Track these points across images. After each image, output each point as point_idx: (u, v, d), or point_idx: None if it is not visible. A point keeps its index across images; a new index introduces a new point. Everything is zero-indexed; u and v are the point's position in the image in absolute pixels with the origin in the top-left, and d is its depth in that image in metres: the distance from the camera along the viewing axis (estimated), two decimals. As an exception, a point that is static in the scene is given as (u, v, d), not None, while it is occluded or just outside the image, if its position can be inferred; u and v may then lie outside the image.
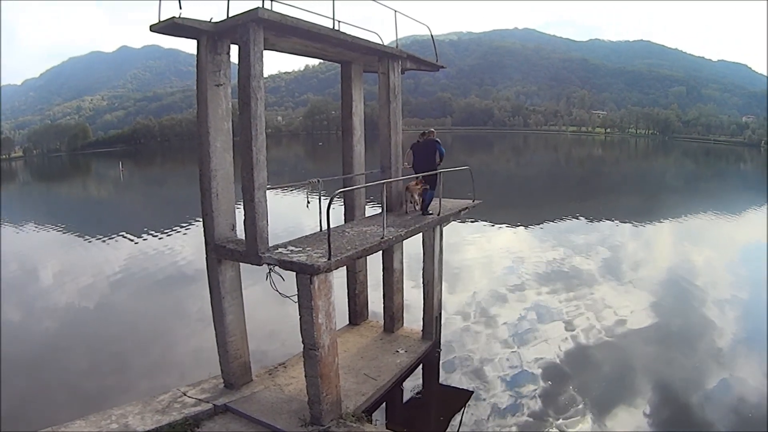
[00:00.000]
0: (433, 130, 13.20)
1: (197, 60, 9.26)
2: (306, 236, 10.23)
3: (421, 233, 11.85)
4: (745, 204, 41.13)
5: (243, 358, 10.44)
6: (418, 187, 12.24)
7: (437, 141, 12.56)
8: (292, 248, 9.19)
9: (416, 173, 12.46)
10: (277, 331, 14.28)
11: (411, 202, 12.41)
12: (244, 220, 8.96)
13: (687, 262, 22.96)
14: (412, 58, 12.63)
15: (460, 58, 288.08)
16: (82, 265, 23.10)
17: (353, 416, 9.38)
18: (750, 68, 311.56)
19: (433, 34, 13.52)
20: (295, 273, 8.46)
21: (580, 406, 10.94)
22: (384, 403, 10.99)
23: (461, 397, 11.40)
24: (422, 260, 12.88)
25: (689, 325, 15.55)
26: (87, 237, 29.31)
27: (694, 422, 10.46)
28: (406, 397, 11.60)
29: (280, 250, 9.09)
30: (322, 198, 10.71)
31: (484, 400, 11.31)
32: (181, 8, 8.43)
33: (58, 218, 37.03)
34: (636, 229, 30.42)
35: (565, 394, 11.40)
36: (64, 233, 31.57)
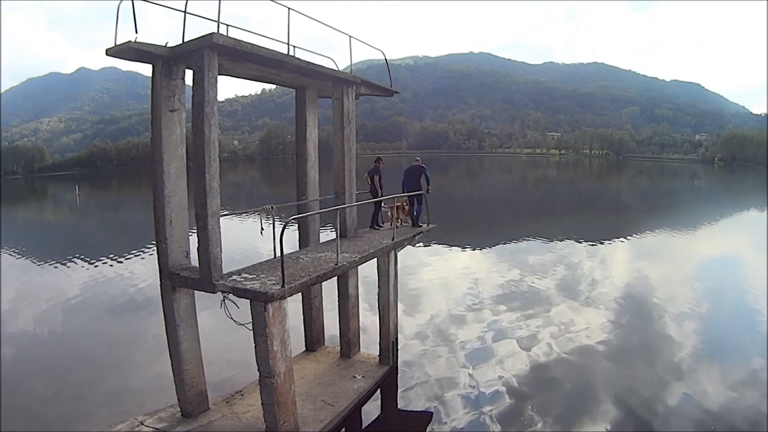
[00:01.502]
0: (419, 158, 14.99)
1: (152, 85, 9.23)
2: (260, 263, 10.18)
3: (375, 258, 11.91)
4: (699, 219, 42.81)
5: (199, 386, 10.28)
6: (406, 206, 14.17)
7: (423, 167, 14.33)
8: (246, 275, 9.14)
9: (404, 192, 14.05)
10: (234, 358, 14.00)
11: (396, 218, 13.43)
12: (198, 247, 8.86)
13: (644, 278, 23.52)
14: (367, 84, 12.82)
15: (416, 82, 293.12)
16: (38, 291, 22.47)
17: (311, 443, 9.32)
18: (703, 87, 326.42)
19: (389, 58, 13.76)
20: (249, 300, 8.41)
21: (541, 425, 11.05)
22: (343, 429, 10.88)
23: (421, 421, 11.40)
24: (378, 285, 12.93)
25: (648, 340, 15.91)
26: (42, 262, 28.56)
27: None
28: (365, 422, 11.52)
29: (234, 277, 9.02)
30: (277, 224, 10.70)
31: (444, 422, 11.29)
32: (137, 32, 8.37)
33: (13, 242, 35.95)
34: (592, 247, 31.05)
35: (526, 413, 11.50)
36: (19, 258, 30.60)
